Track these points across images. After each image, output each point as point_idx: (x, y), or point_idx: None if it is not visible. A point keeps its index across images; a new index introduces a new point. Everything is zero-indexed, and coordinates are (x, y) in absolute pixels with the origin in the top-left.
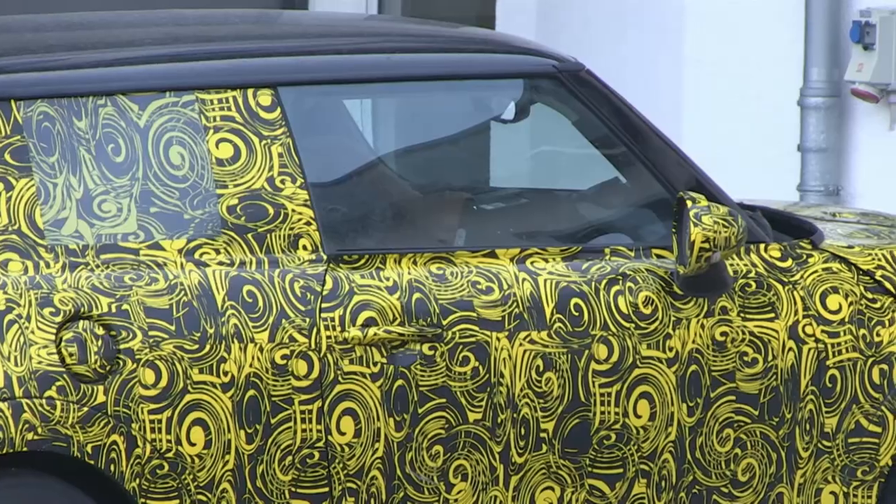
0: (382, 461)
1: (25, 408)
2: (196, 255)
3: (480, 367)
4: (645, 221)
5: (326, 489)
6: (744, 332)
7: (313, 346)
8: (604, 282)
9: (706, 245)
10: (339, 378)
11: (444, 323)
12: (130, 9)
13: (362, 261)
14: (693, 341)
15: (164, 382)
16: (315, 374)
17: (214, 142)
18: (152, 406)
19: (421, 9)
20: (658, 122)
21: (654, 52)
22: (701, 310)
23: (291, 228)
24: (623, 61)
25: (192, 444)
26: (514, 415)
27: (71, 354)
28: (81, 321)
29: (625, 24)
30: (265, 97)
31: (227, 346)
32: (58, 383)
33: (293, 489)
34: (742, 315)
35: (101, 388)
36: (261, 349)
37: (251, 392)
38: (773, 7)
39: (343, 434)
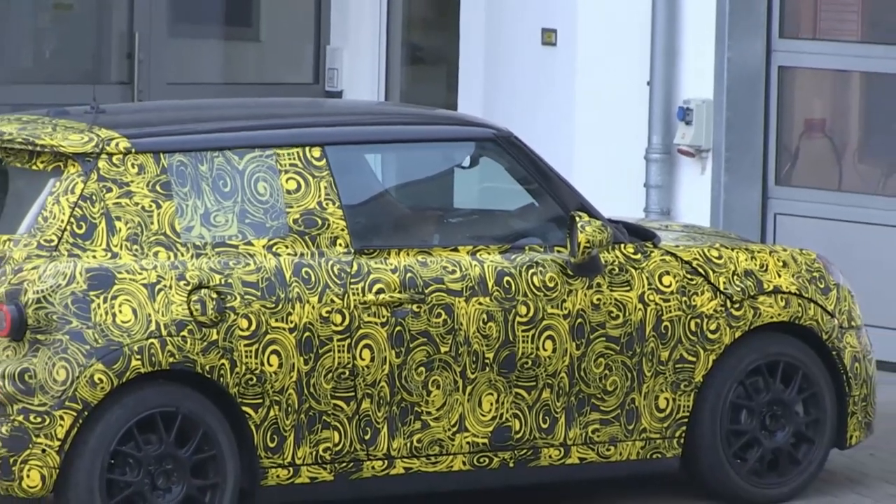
0: (388, 377)
1: (168, 342)
2: (273, 249)
3: (448, 319)
4: (550, 230)
5: (353, 394)
6: (611, 298)
7: (345, 305)
8: (524, 266)
9: (588, 245)
10: (361, 325)
11: (426, 292)
12: (231, 97)
13: (375, 253)
14: (580, 303)
15: (253, 327)
16: (346, 322)
17: (285, 179)
18: (246, 342)
19: (411, 98)
20: (558, 166)
21: (557, 123)
22: (585, 284)
23: (332, 233)
24: (537, 129)
25: (271, 366)
26: (469, 348)
27: (196, 309)
28: (203, 289)
29: (539, 105)
30: (316, 151)
31: (293, 304)
32: (188, 327)
33: (332, 394)
34: (610, 288)
35: (214, 330)
36: (313, 307)
37: (307, 333)
38: (630, 98)
39: (363, 360)
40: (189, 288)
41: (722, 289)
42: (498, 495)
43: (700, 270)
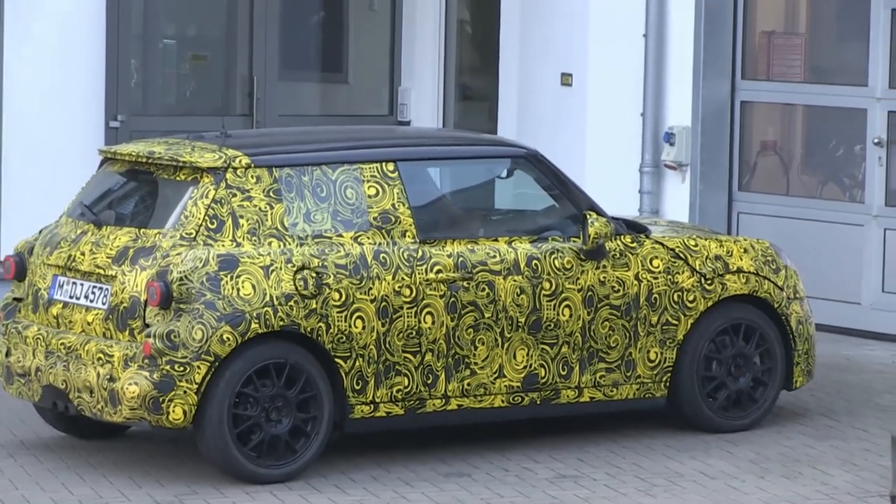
0: (445, 336)
1: (279, 310)
2: (358, 240)
3: (490, 292)
4: (567, 225)
5: (418, 349)
6: (613, 276)
7: (413, 282)
8: (548, 252)
9: (596, 236)
10: (424, 297)
11: (474, 272)
12: (326, 125)
13: (436, 243)
14: (590, 280)
15: (343, 298)
16: (413, 294)
17: (367, 187)
18: (337, 309)
19: (462, 125)
20: (573, 177)
21: (573, 144)
22: (594, 266)
23: (402, 227)
24: (557, 149)
25: (356, 328)
26: (506, 314)
27: (300, 285)
28: (305, 270)
29: (559, 131)
30: (390, 166)
31: (373, 281)
32: (294, 298)
33: (403, 349)
34: (613, 268)
35: (314, 301)
36: (388, 283)
37: (384, 303)
38: (628, 126)
39: (426, 323)
40: (294, 269)
41: (698, 269)
42: (528, 425)
43: (681, 255)
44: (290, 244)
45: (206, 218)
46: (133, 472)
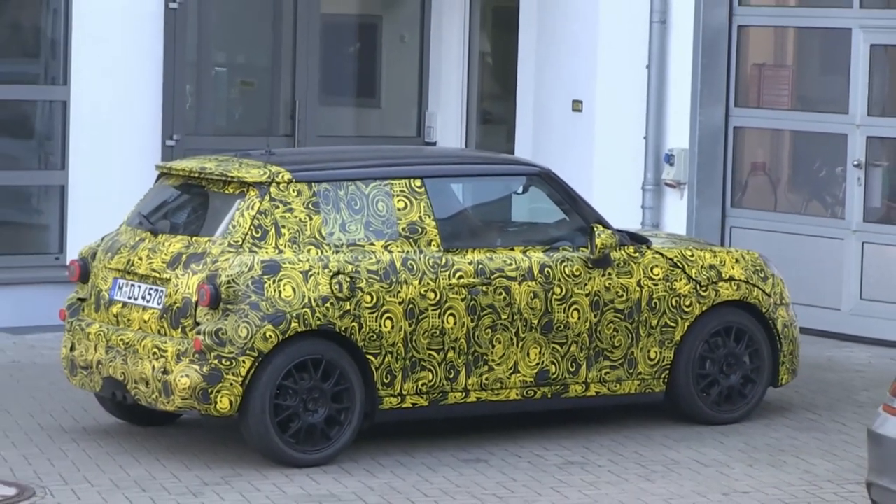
0: (466, 336)
1: (316, 311)
2: (388, 248)
3: (507, 296)
4: (576, 236)
5: (441, 346)
6: (618, 283)
7: (437, 286)
8: (559, 261)
9: (603, 247)
10: (447, 300)
11: (492, 277)
12: (360, 145)
13: (458, 251)
14: (596, 286)
15: (374, 301)
16: (438, 298)
17: (396, 200)
18: (369, 311)
19: (482, 146)
20: (582, 193)
21: (582, 163)
22: (600, 273)
23: (428, 237)
24: (568, 167)
25: (386, 327)
26: (521, 316)
27: (336, 288)
28: (340, 275)
29: (570, 151)
30: (418, 182)
31: (401, 286)
32: (330, 301)
33: (428, 346)
34: (617, 276)
35: (347, 303)
36: (415, 287)
37: (411, 305)
38: (632, 147)
39: (449, 323)
40: (331, 274)
41: (694, 277)
42: (539, 416)
43: (679, 264)
44: (326, 251)
45: (252, 227)
46: (183, 456)
